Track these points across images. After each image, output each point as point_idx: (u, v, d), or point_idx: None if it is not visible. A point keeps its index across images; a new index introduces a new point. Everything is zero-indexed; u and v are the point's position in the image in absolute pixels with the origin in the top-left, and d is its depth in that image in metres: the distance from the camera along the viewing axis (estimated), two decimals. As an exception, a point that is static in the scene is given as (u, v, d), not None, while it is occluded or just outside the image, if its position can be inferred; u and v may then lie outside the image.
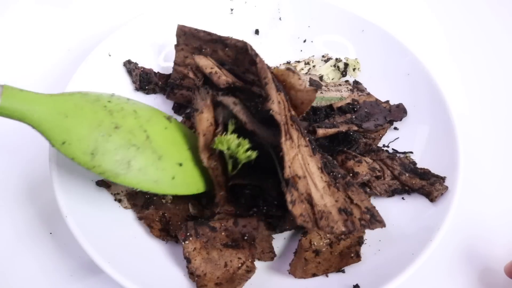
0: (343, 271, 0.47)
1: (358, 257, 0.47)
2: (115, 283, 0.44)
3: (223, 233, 0.48)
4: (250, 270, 0.46)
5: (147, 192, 0.51)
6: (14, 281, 0.52)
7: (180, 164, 0.49)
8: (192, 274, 0.46)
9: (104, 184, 0.54)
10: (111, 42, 0.61)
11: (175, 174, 0.48)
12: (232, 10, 0.68)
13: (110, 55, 0.61)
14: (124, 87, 0.62)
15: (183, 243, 0.47)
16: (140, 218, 0.52)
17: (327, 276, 0.46)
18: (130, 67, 0.63)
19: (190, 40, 0.57)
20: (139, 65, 0.63)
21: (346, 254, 0.48)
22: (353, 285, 0.44)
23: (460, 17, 0.80)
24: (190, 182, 0.49)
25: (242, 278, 0.45)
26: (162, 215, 0.53)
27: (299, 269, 0.47)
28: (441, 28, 0.78)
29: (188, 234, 0.47)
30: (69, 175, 0.52)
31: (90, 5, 0.79)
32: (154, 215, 0.52)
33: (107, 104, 0.48)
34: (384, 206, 0.52)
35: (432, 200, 0.49)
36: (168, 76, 0.63)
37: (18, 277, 0.53)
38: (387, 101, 0.61)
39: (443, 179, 0.50)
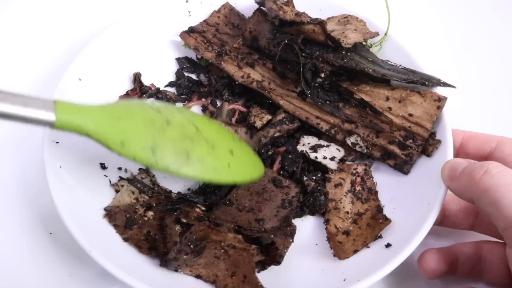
0: (380, 237, 0.52)
1: (387, 220, 0.53)
2: (115, 283, 0.46)
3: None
4: (252, 254, 0.48)
5: (132, 213, 0.54)
6: (14, 281, 0.55)
7: (231, 152, 0.53)
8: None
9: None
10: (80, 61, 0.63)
11: (229, 161, 0.52)
12: (189, 12, 0.71)
13: (80, 80, 0.62)
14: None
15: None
16: (125, 240, 0.52)
17: (368, 247, 0.52)
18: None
19: (232, 16, 0.71)
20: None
21: (374, 223, 0.53)
22: (385, 245, 0.51)
23: (459, 11, 0.85)
24: (243, 169, 0.54)
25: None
26: (147, 233, 0.53)
27: (339, 252, 0.52)
28: (440, 23, 0.83)
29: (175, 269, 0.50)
30: (77, 209, 0.53)
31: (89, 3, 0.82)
32: (139, 234, 0.53)
33: (153, 105, 0.53)
34: (386, 166, 0.59)
35: (428, 155, 0.56)
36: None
37: (18, 277, 0.55)
38: None
39: (434, 133, 0.58)
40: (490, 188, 0.43)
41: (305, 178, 0.58)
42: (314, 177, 0.58)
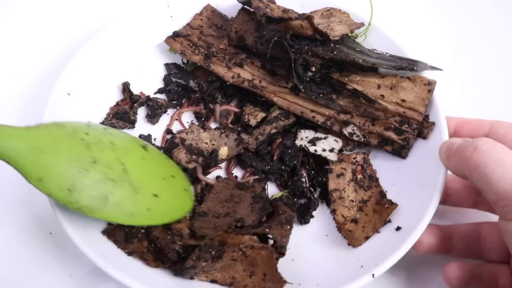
0: (389, 221, 0.54)
1: (393, 204, 0.54)
2: (115, 283, 0.47)
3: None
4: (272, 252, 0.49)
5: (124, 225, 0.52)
6: (14, 281, 0.56)
7: (156, 195, 0.52)
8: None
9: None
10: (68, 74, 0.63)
11: (150, 205, 0.51)
12: (172, 17, 0.71)
13: (69, 94, 0.61)
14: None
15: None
16: (129, 254, 0.52)
17: (379, 232, 0.53)
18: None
19: (215, 17, 0.71)
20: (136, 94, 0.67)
21: (380, 209, 0.55)
22: (395, 228, 0.52)
23: (460, 12, 0.85)
24: (164, 212, 0.52)
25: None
26: (148, 245, 0.53)
27: (352, 240, 0.53)
28: (441, 23, 0.83)
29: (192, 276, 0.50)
30: (84, 229, 0.52)
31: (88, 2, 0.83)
32: (140, 247, 0.52)
33: (85, 137, 0.50)
34: (383, 153, 0.60)
35: (424, 137, 0.58)
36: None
37: (18, 277, 0.56)
38: None
39: (427, 116, 0.59)
40: (480, 164, 0.45)
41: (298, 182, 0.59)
42: (305, 178, 0.59)
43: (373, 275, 0.47)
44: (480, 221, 0.55)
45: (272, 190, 0.61)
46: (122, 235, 0.53)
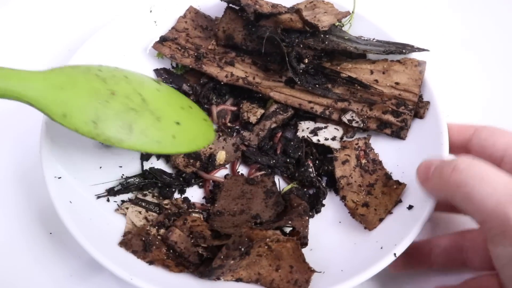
0: (400, 201, 0.55)
1: (401, 184, 0.56)
2: (116, 282, 0.48)
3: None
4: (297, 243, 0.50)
5: (143, 236, 0.53)
6: (14, 281, 0.56)
7: (178, 123, 0.54)
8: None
9: None
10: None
11: (174, 133, 0.53)
12: (155, 22, 0.70)
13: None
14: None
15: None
16: (150, 263, 0.52)
17: (391, 213, 0.55)
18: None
19: (199, 18, 0.71)
20: None
21: (389, 191, 0.56)
22: (407, 207, 0.54)
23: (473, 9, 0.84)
24: (189, 139, 0.55)
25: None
26: (167, 251, 0.53)
27: (367, 224, 0.55)
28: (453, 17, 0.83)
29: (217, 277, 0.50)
30: (101, 242, 0.52)
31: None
32: (160, 254, 0.53)
33: (99, 73, 0.52)
34: (383, 136, 0.62)
35: (421, 117, 0.60)
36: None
37: (18, 277, 0.56)
38: None
39: (421, 96, 0.61)
40: (460, 184, 0.43)
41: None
42: (311, 168, 0.61)
43: (394, 254, 0.48)
44: (463, 230, 0.54)
45: (278, 183, 0.62)
46: (140, 245, 0.53)
